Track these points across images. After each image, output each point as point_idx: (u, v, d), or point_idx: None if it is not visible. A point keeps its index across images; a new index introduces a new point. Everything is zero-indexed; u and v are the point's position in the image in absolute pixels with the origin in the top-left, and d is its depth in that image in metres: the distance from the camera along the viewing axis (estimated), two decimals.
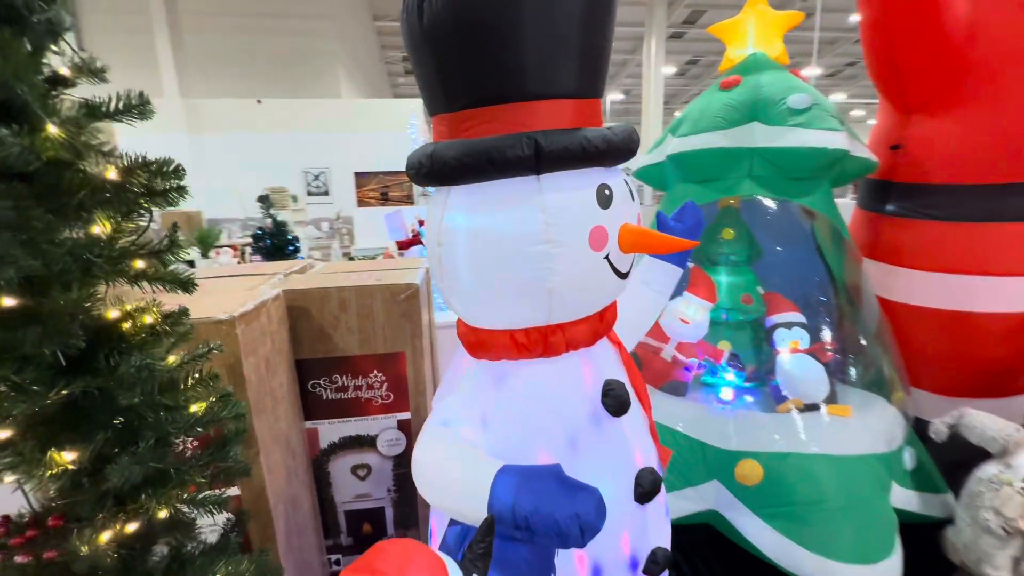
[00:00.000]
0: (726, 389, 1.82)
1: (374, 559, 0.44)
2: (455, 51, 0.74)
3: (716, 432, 1.52)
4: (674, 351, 1.81)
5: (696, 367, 1.84)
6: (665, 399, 1.73)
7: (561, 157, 0.75)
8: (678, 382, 1.79)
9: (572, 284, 0.81)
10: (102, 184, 0.54)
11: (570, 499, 0.67)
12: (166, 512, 0.62)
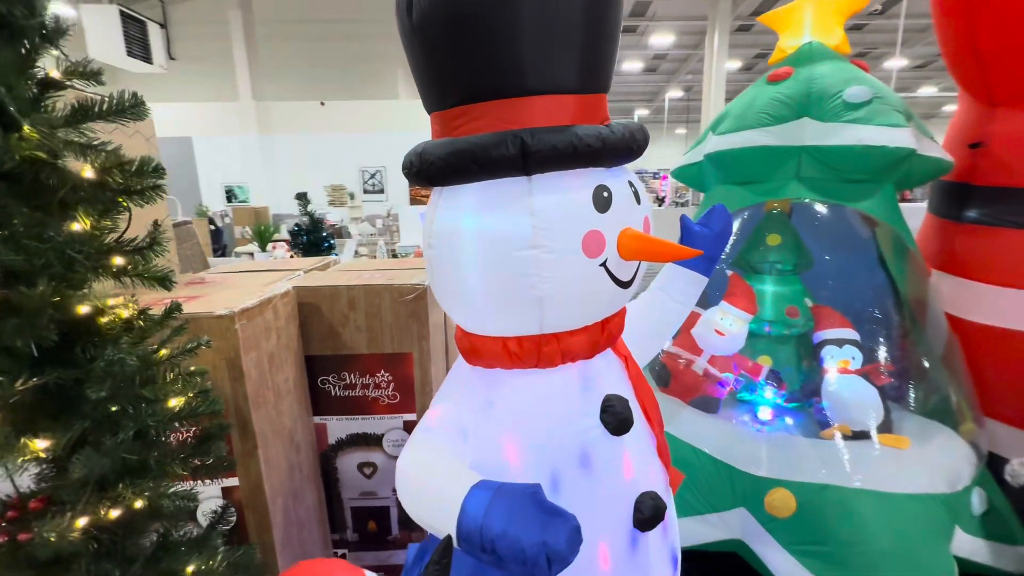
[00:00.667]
0: (765, 408, 1.68)
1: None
2: (443, 46, 0.71)
3: (746, 455, 1.40)
4: (707, 364, 1.69)
5: (731, 383, 1.71)
6: (694, 415, 1.62)
7: (550, 157, 0.70)
8: (710, 398, 1.67)
9: (564, 292, 0.76)
10: (81, 182, 0.56)
11: (541, 525, 0.62)
12: (142, 503, 0.64)
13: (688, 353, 1.72)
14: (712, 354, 1.69)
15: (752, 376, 1.70)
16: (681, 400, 1.71)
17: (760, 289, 1.79)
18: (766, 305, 1.80)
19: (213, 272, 1.49)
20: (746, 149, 1.53)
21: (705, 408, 1.65)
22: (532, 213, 0.72)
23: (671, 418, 1.58)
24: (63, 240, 0.56)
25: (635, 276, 0.84)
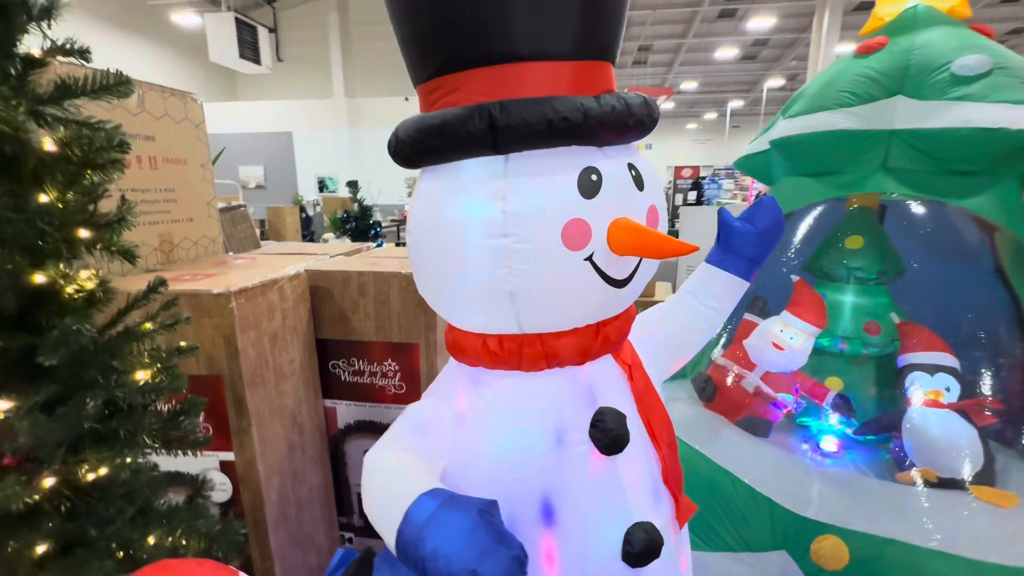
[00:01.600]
0: (830, 438, 1.44)
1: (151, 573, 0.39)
2: (415, 11, 0.65)
3: (792, 490, 1.20)
4: (759, 381, 1.49)
5: (789, 405, 1.49)
6: (738, 437, 1.43)
7: (522, 133, 0.61)
8: (760, 419, 1.47)
9: (540, 288, 0.67)
10: (46, 156, 0.58)
11: (478, 550, 0.55)
12: (107, 470, 0.66)
13: (738, 367, 1.53)
14: (767, 370, 1.48)
15: (815, 399, 1.46)
16: (726, 418, 1.52)
17: (834, 299, 1.54)
18: (841, 318, 1.54)
19: (255, 252, 1.57)
20: (820, 134, 1.30)
21: (753, 430, 1.45)
22: (503, 197, 0.64)
23: (711, 438, 1.40)
24: (33, 211, 0.59)
25: (634, 275, 0.73)
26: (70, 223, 0.61)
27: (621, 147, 0.71)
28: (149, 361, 0.69)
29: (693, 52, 13.26)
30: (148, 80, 1.91)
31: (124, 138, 0.64)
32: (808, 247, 1.57)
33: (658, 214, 0.75)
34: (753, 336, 1.51)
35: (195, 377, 0.96)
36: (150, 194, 1.21)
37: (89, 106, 0.89)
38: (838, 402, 1.42)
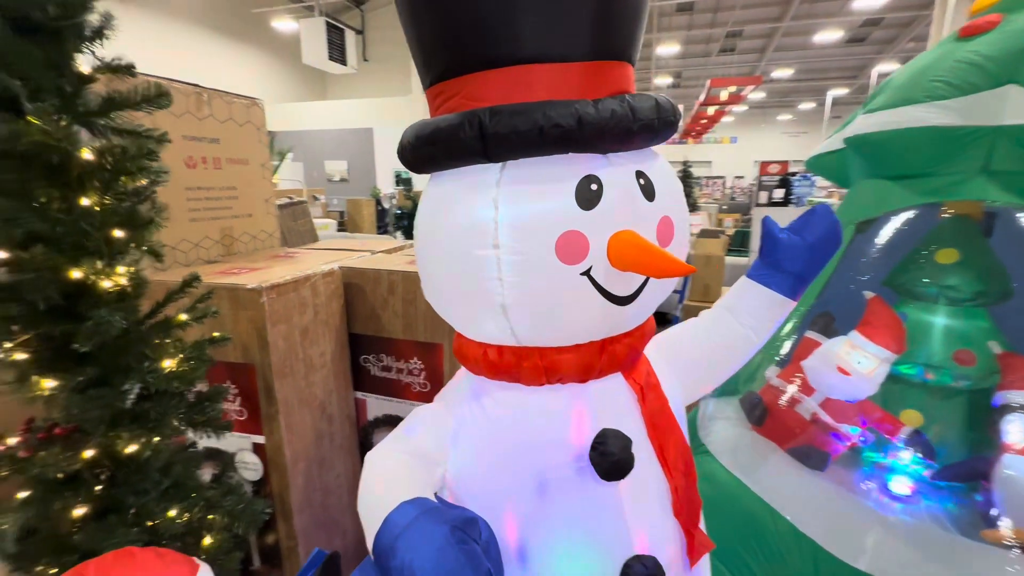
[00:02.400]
0: (902, 479, 1.26)
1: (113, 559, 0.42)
2: (416, 14, 0.64)
3: (844, 534, 1.06)
4: (817, 408, 1.33)
5: (853, 438, 1.32)
6: (788, 468, 1.29)
7: (513, 141, 0.59)
8: (816, 450, 1.32)
9: (532, 302, 0.64)
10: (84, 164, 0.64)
11: (441, 570, 0.54)
12: (136, 446, 0.73)
13: (794, 389, 1.38)
14: (829, 396, 1.32)
15: (886, 433, 1.28)
16: (777, 444, 1.38)
17: (921, 320, 1.34)
18: (927, 343, 1.34)
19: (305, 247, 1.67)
20: (906, 131, 1.12)
21: (807, 462, 1.30)
22: (496, 207, 0.62)
23: (755, 465, 1.29)
24: (78, 213, 0.66)
25: (640, 292, 0.67)
26: (107, 224, 0.67)
27: (630, 153, 0.65)
28: (174, 351, 0.75)
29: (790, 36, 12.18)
30: (251, 82, 2.01)
31: (161, 143, 0.70)
32: (888, 259, 1.37)
33: (673, 227, 0.68)
34: (814, 357, 1.36)
35: (232, 364, 1.04)
36: (213, 192, 1.32)
37: (159, 114, 0.99)
38: (914, 439, 1.24)
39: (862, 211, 1.32)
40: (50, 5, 0.61)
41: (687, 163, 8.03)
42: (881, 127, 1.17)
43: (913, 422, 1.30)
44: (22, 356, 0.66)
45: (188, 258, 1.25)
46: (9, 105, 0.60)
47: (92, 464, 0.73)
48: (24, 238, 0.63)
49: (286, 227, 1.80)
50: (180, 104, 1.20)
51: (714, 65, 15.40)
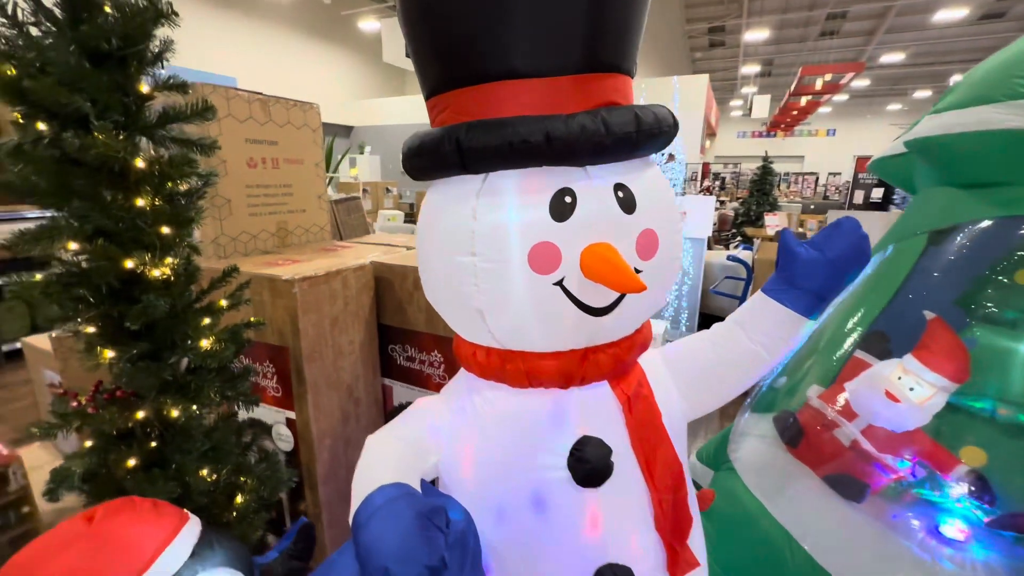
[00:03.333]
0: (955, 523, 1.13)
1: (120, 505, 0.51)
2: (412, 32, 0.69)
3: (866, 572, 0.97)
4: (858, 435, 1.23)
5: (902, 472, 1.20)
6: (818, 494, 1.20)
7: (486, 155, 0.62)
8: (853, 479, 1.21)
9: (505, 309, 0.68)
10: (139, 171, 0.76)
11: (398, 551, 0.60)
12: (178, 412, 0.85)
13: (834, 411, 1.27)
14: (873, 423, 1.21)
15: (938, 469, 1.15)
16: (811, 469, 1.28)
17: (995, 348, 1.19)
18: (1003, 374, 1.18)
19: (357, 240, 1.79)
20: (974, 134, 0.99)
21: (842, 490, 1.21)
22: (474, 216, 0.65)
23: (781, 488, 1.21)
24: (135, 212, 0.78)
25: (617, 304, 0.68)
26: (157, 222, 0.79)
27: (613, 166, 0.66)
28: (210, 332, 0.87)
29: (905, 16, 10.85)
30: (337, 79, 2.12)
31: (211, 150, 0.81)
32: (962, 277, 1.22)
33: (656, 239, 0.68)
34: (860, 379, 1.25)
35: (271, 346, 1.16)
36: (270, 189, 1.46)
37: (225, 121, 1.12)
38: (970, 479, 1.11)
39: (927, 221, 1.19)
40: (115, 37, 0.72)
41: (767, 159, 7.46)
42: (946, 130, 1.04)
43: (974, 461, 1.15)
44: (90, 330, 0.80)
45: (247, 248, 1.40)
46: (82, 122, 0.72)
47: (144, 424, 0.86)
48: (91, 232, 0.76)
49: (341, 221, 1.95)
50: (244, 110, 1.34)
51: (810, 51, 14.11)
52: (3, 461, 1.20)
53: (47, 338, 1.72)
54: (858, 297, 1.35)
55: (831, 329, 1.40)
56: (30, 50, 0.68)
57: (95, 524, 0.47)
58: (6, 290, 0.77)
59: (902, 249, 1.28)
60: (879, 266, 1.30)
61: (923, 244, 1.28)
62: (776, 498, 1.17)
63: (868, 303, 1.36)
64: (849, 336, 1.38)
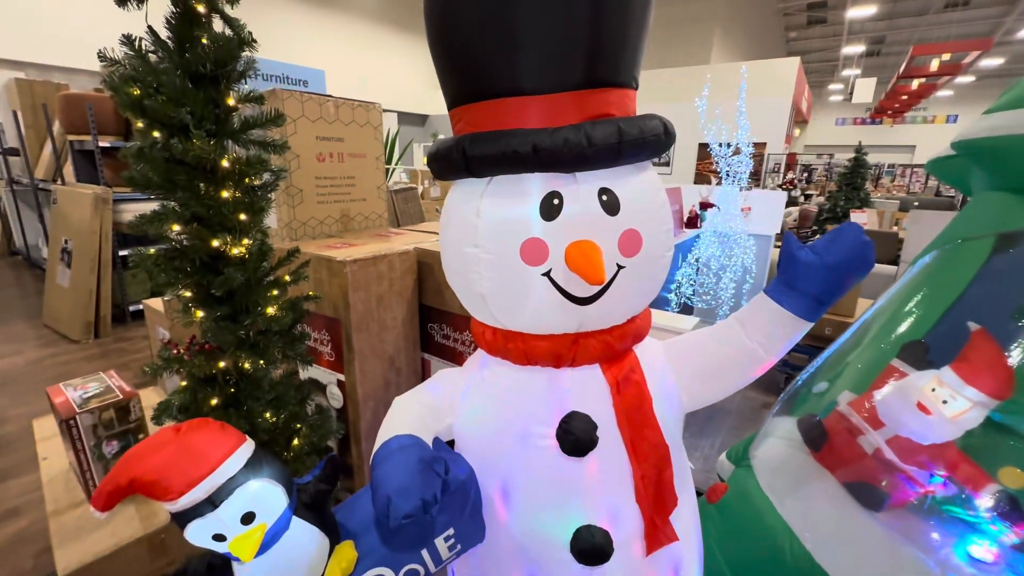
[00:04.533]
0: (983, 544, 1.08)
1: (198, 423, 0.68)
2: (434, 52, 0.80)
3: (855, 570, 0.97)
4: (883, 443, 1.20)
5: (931, 486, 1.15)
6: (833, 498, 1.19)
7: (487, 163, 0.72)
8: (875, 489, 1.19)
9: (501, 294, 0.79)
10: (224, 169, 0.95)
11: (400, 484, 0.73)
12: (248, 365, 1.05)
13: (859, 418, 1.24)
14: (899, 434, 1.17)
15: (968, 486, 1.10)
16: (833, 475, 1.27)
17: None
18: None
19: (411, 227, 1.97)
20: (1013, 138, 0.93)
21: (861, 498, 1.19)
22: (479, 213, 0.76)
23: (791, 487, 1.22)
24: (221, 203, 0.97)
25: (601, 295, 0.76)
26: (237, 210, 0.98)
27: (598, 172, 0.73)
28: (274, 302, 1.05)
29: None
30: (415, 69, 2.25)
31: (283, 150, 0.99)
32: (1012, 289, 1.14)
33: (639, 238, 0.75)
34: (891, 388, 1.22)
35: (328, 317, 1.35)
36: (336, 181, 1.66)
37: (300, 122, 1.30)
38: (1002, 501, 1.05)
39: (980, 227, 1.12)
40: (210, 62, 0.91)
41: (861, 149, 6.82)
42: (991, 132, 0.98)
43: (1013, 483, 1.09)
44: (186, 294, 1.01)
45: (314, 232, 1.62)
46: (184, 130, 0.92)
47: (224, 372, 1.07)
48: (189, 217, 0.96)
49: (399, 209, 2.13)
50: (315, 111, 1.53)
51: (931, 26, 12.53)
52: (127, 396, 1.50)
53: (161, 301, 2.08)
54: (901, 304, 1.30)
55: (870, 336, 1.35)
56: (148, 75, 0.88)
57: (180, 434, 0.65)
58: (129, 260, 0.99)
59: (954, 257, 1.22)
60: (923, 273, 1.24)
61: (984, 252, 1.20)
62: (785, 497, 1.19)
63: (914, 312, 1.30)
64: (888, 345, 1.33)
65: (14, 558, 1.80)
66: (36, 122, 5.17)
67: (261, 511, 0.67)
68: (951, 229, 1.18)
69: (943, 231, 1.19)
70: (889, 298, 1.31)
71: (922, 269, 1.24)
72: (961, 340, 1.21)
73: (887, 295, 1.33)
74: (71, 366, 3.43)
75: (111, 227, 3.90)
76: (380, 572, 0.79)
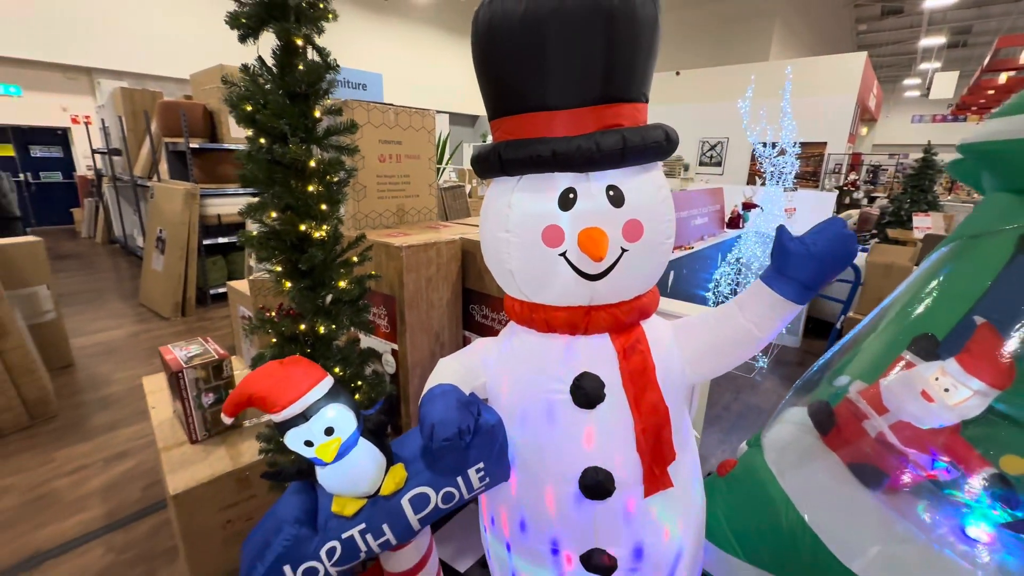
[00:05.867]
0: (980, 525, 1.15)
1: (295, 358, 0.90)
2: (477, 74, 0.99)
3: (849, 536, 1.07)
4: (886, 428, 1.27)
5: (932, 470, 1.22)
6: (834, 475, 1.28)
7: (517, 164, 0.90)
8: (876, 470, 1.27)
9: (527, 271, 0.96)
10: (311, 168, 1.18)
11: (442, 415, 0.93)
12: (323, 329, 1.29)
13: (865, 404, 1.32)
14: (902, 419, 1.25)
15: (965, 470, 1.17)
16: (839, 456, 1.35)
17: None
18: None
19: (457, 221, 2.18)
20: (1007, 143, 1.00)
21: (862, 477, 1.27)
22: (510, 205, 0.95)
23: (797, 463, 1.32)
24: (308, 195, 1.21)
25: (608, 273, 0.92)
26: (319, 202, 1.21)
27: (608, 172, 0.89)
28: (345, 277, 1.29)
29: None
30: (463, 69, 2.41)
31: (353, 152, 1.21)
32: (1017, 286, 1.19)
33: (640, 227, 0.91)
34: (895, 376, 1.29)
35: (385, 295, 1.58)
36: (394, 179, 1.90)
37: (366, 128, 1.53)
38: (996, 483, 1.12)
39: (976, 226, 1.18)
40: (304, 83, 1.14)
41: (930, 149, 6.44)
42: (991, 136, 1.05)
43: (1014, 469, 1.15)
44: (278, 268, 1.26)
45: (375, 223, 1.86)
46: (283, 138, 1.16)
47: (304, 334, 1.32)
48: (283, 207, 1.21)
49: (448, 205, 2.36)
50: (379, 118, 1.77)
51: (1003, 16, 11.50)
52: (221, 357, 1.81)
53: (246, 282, 2.41)
54: (913, 299, 1.36)
55: (882, 329, 1.42)
56: (258, 94, 1.12)
57: (283, 366, 0.88)
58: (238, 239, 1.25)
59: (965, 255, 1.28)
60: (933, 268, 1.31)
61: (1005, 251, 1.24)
62: (786, 471, 1.29)
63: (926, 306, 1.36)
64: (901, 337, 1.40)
65: (126, 490, 2.18)
66: (136, 126, 5.86)
67: (338, 427, 0.89)
68: (962, 226, 1.24)
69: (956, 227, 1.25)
70: (901, 292, 1.38)
71: (932, 264, 1.31)
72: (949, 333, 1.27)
73: (899, 289, 1.39)
74: (163, 339, 3.92)
75: (198, 219, 4.40)
76: (424, 490, 1.00)
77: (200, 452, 1.74)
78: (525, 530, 1.08)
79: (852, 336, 1.49)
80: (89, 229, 8.65)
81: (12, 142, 8.79)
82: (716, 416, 2.87)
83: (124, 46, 8.49)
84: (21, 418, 2.64)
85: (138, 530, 1.93)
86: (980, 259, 1.19)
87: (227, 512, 1.66)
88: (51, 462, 2.36)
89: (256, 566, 0.92)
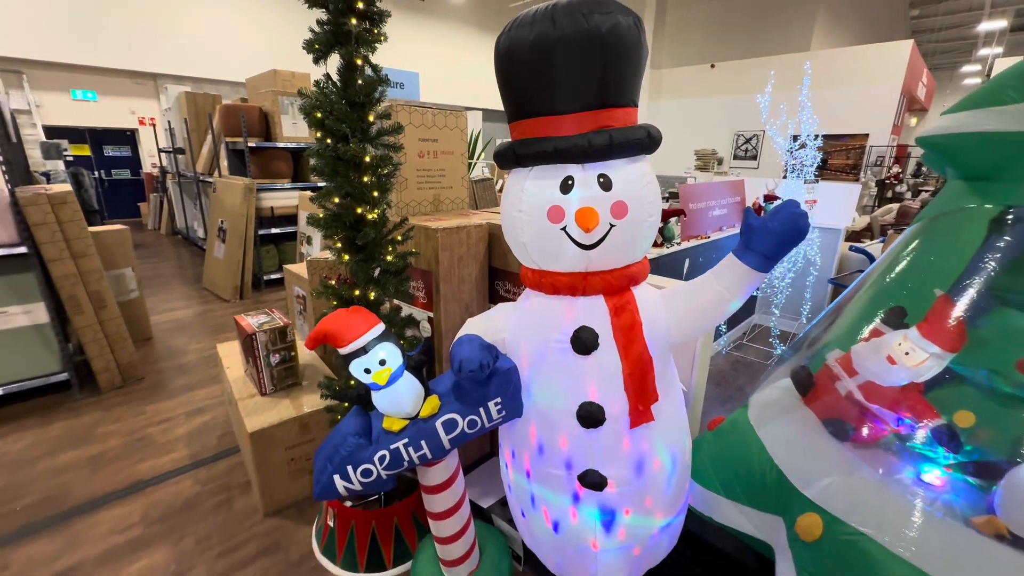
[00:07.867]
0: (934, 471, 1.31)
1: (353, 308, 1.19)
2: (498, 84, 1.24)
3: (806, 469, 1.27)
4: (854, 387, 1.45)
5: (895, 423, 1.39)
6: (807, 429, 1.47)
7: (527, 158, 1.15)
8: (843, 423, 1.44)
9: (536, 242, 1.21)
10: (365, 163, 1.47)
11: (467, 354, 1.20)
12: (373, 296, 1.58)
13: (839, 368, 1.50)
14: (867, 380, 1.42)
15: (920, 423, 1.33)
16: (816, 414, 1.54)
17: (1000, 325, 1.31)
18: (997, 348, 1.31)
19: (486, 210, 2.44)
20: (958, 136, 1.16)
21: (832, 430, 1.45)
22: (523, 190, 1.20)
23: (775, 418, 1.51)
24: (362, 184, 1.50)
25: (599, 243, 1.15)
26: (372, 190, 1.50)
27: (599, 164, 1.13)
28: (391, 252, 1.57)
29: None
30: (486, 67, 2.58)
31: (398, 150, 1.49)
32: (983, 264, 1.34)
33: (625, 207, 1.14)
34: (865, 345, 1.47)
35: (423, 270, 1.86)
36: (430, 173, 2.18)
37: (409, 128, 1.82)
38: (943, 433, 1.29)
39: (935, 208, 1.34)
40: (361, 94, 1.42)
41: None
42: (940, 131, 1.21)
43: (964, 422, 1.31)
44: (338, 244, 1.55)
45: (413, 211, 2.14)
46: (344, 138, 1.44)
47: (358, 299, 1.61)
48: (343, 194, 1.50)
49: (478, 195, 2.62)
50: (418, 119, 2.05)
51: None
52: (285, 324, 2.14)
53: (303, 265, 2.76)
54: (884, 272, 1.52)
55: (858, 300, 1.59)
56: (326, 103, 1.41)
57: (348, 312, 1.16)
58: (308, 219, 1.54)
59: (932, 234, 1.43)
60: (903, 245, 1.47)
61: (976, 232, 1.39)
62: (765, 424, 1.49)
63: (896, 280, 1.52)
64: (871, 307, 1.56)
65: (205, 437, 2.57)
66: (198, 126, 6.42)
67: (389, 360, 1.17)
68: (928, 208, 1.40)
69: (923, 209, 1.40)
70: (876, 267, 1.54)
71: (901, 242, 1.47)
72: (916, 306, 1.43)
73: (874, 264, 1.56)
74: (225, 318, 4.38)
75: (255, 211, 4.85)
76: (453, 416, 1.27)
77: (269, 402, 2.08)
78: (543, 453, 1.32)
79: (835, 305, 1.66)
80: (154, 222, 9.45)
81: (88, 143, 9.69)
82: (728, 396, 3.04)
83: (185, 53, 9.20)
84: (116, 379, 3.09)
85: (217, 468, 2.30)
86: (939, 235, 1.35)
87: (291, 451, 2.00)
88: (143, 414, 2.79)
89: (327, 466, 1.21)
